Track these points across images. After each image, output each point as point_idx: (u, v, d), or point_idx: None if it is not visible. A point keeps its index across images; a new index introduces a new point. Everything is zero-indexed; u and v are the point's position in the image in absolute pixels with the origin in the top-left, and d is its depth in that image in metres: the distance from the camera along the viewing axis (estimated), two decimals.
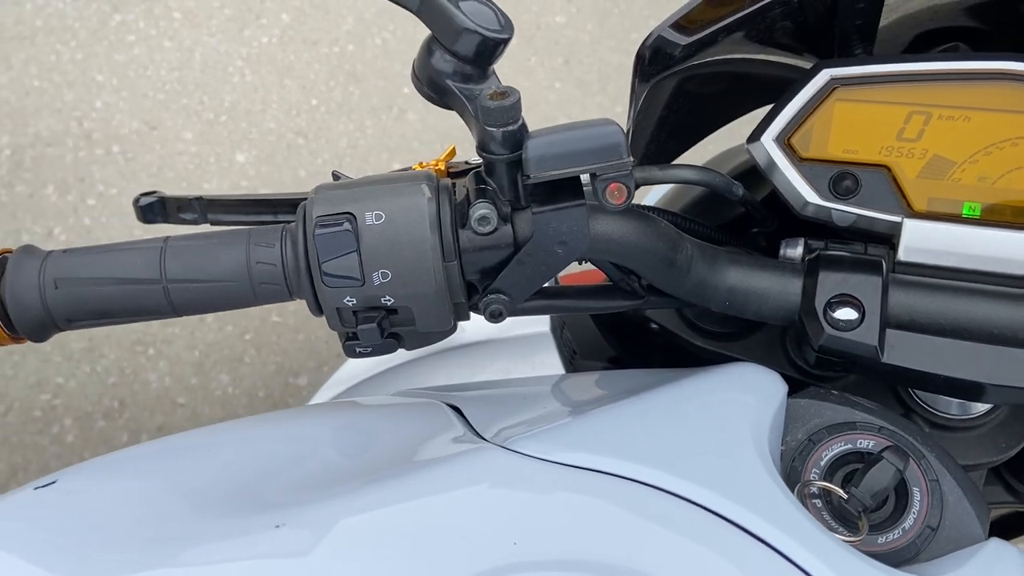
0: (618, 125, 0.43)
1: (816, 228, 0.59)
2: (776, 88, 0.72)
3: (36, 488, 0.40)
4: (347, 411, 0.49)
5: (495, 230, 0.46)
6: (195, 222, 0.59)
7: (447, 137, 2.27)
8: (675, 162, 0.59)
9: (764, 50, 0.66)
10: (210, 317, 1.87)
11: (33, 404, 1.74)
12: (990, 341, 0.49)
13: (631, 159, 0.42)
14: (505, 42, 0.47)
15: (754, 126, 0.75)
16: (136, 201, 0.59)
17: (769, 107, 0.59)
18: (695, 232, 0.64)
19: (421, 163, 0.59)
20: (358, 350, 0.47)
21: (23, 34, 2.28)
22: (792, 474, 0.47)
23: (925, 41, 0.67)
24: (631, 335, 0.73)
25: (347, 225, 0.43)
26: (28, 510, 0.38)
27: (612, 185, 0.43)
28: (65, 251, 0.47)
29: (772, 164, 0.57)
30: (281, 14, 2.44)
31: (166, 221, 0.59)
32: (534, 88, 2.41)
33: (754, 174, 0.62)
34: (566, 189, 0.45)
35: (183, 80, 2.26)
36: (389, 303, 0.45)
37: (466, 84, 0.47)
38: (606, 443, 0.40)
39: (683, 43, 0.54)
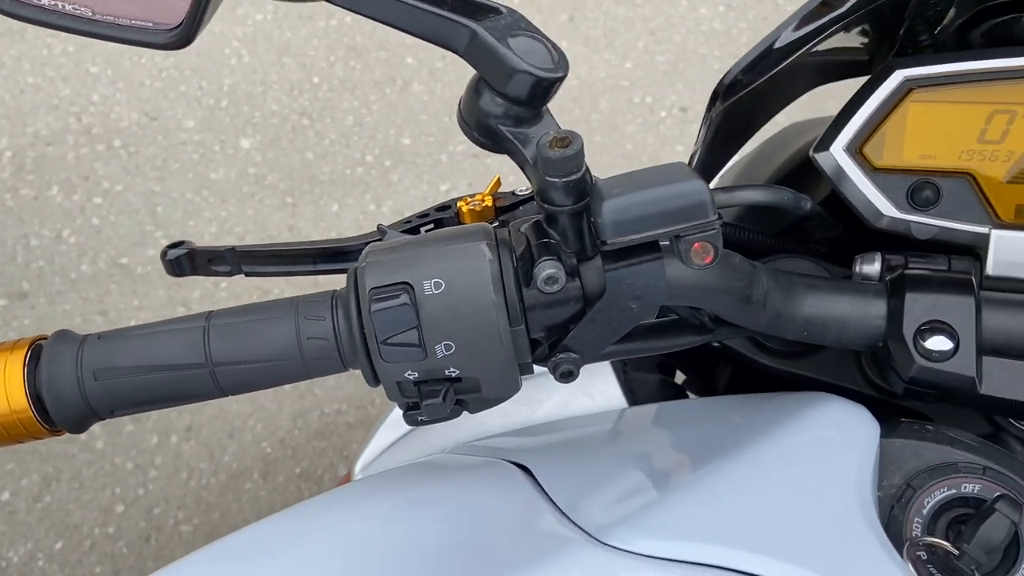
0: (700, 180, 0.39)
1: (888, 236, 0.55)
2: (827, 70, 0.67)
3: None
4: (405, 482, 0.46)
5: (563, 287, 0.42)
6: (228, 274, 0.55)
7: (455, 109, 2.21)
8: (742, 183, 0.55)
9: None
10: None
11: None
12: None
13: (719, 218, 0.38)
14: (560, 80, 0.43)
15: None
16: (163, 254, 0.55)
17: (834, 109, 0.55)
18: (753, 243, 0.60)
19: (465, 199, 0.55)
20: (420, 419, 0.44)
21: (12, 29, 2.21)
22: (892, 524, 0.45)
23: (988, 14, 0.62)
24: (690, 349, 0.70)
25: (404, 297, 0.40)
26: None
27: (697, 245, 0.39)
28: (101, 336, 0.44)
29: (842, 175, 0.53)
30: None
31: (196, 274, 0.55)
32: None
33: (810, 170, 0.58)
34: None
35: (179, 66, 2.19)
36: (454, 374, 0.42)
37: (519, 128, 0.43)
38: (708, 528, 0.37)
39: (790, 40, 0.50)
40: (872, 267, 0.52)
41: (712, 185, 0.67)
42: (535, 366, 0.46)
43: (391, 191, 2.10)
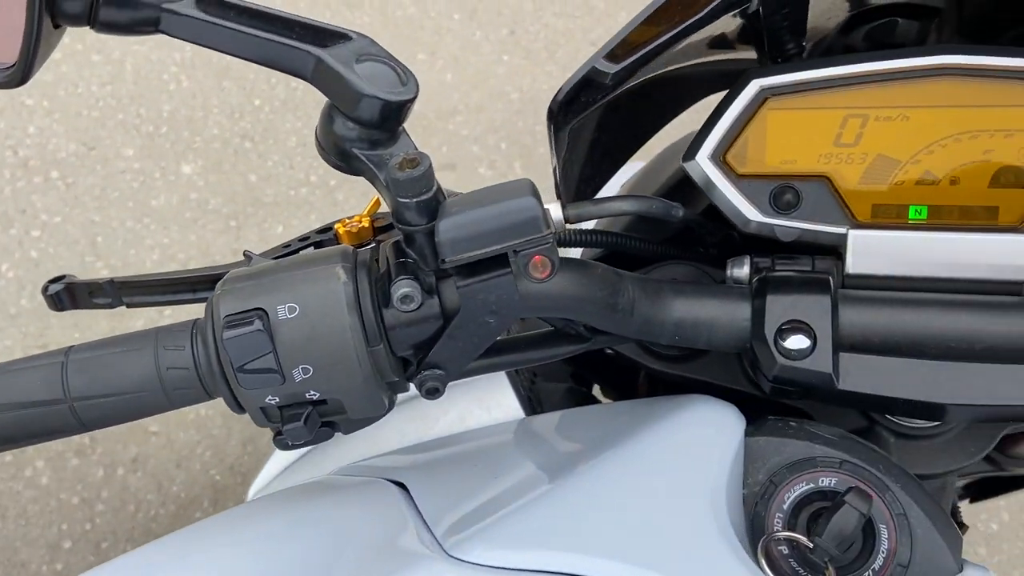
0: (533, 196, 0.40)
1: (764, 240, 0.57)
2: (716, 79, 0.69)
3: None
4: (288, 505, 0.46)
5: (421, 305, 0.43)
6: (110, 306, 0.55)
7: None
8: (610, 194, 0.56)
9: (702, 54, 0.63)
10: None
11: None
12: (946, 356, 0.47)
13: (551, 231, 0.40)
14: (410, 102, 0.44)
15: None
16: (44, 290, 0.55)
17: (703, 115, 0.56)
18: (639, 251, 0.61)
19: (344, 221, 0.55)
20: (290, 443, 0.45)
21: None
22: (756, 521, 0.46)
23: (861, 20, 0.65)
24: (588, 357, 0.71)
25: (258, 324, 0.40)
26: None
27: (536, 258, 0.40)
28: None
29: (709, 182, 0.54)
30: None
31: (77, 307, 0.56)
32: (481, 63, 2.35)
33: (693, 184, 0.59)
34: (490, 257, 0.42)
35: (116, 94, 2.18)
36: (315, 397, 0.42)
37: (374, 150, 0.44)
38: (556, 536, 0.38)
39: (612, 71, 0.51)
40: (742, 270, 0.54)
41: (603, 194, 0.69)
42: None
43: (337, 210, 2.10)
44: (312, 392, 0.42)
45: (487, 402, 0.61)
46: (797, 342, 0.48)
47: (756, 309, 0.50)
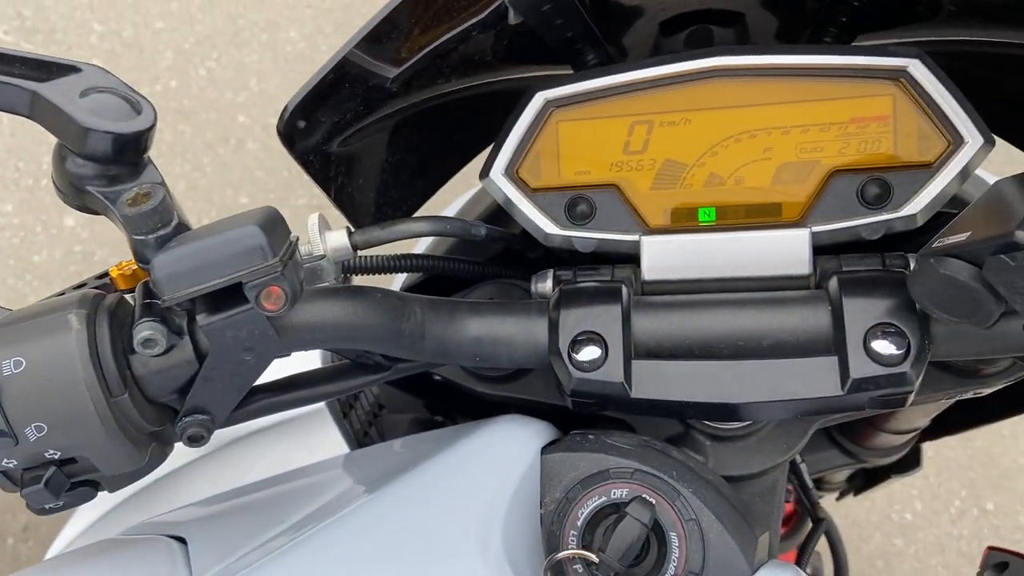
0: (258, 225, 0.38)
1: (574, 253, 0.56)
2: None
3: None
4: (60, 570, 0.43)
5: (169, 348, 0.41)
6: None
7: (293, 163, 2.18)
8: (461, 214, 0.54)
9: (510, 70, 0.62)
10: None
11: None
12: (736, 356, 0.47)
13: (277, 260, 0.38)
14: (146, 133, 0.42)
15: None
16: None
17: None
18: (460, 271, 0.60)
19: (120, 264, 0.53)
20: (48, 507, 0.42)
21: None
22: (552, 540, 0.45)
23: (677, 25, 0.65)
24: (432, 384, 0.69)
25: None
26: None
27: (272, 288, 0.38)
28: None
29: (506, 199, 0.54)
30: (92, 59, 2.29)
31: None
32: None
33: None
34: (230, 292, 0.40)
35: None
36: (56, 456, 0.39)
37: (112, 186, 0.42)
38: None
39: (391, 75, 0.49)
40: (545, 285, 0.53)
41: (419, 214, 0.68)
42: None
43: None
44: (52, 451, 0.39)
45: (308, 442, 0.58)
46: (589, 353, 0.47)
47: (552, 323, 0.49)
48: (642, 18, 0.63)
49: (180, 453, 0.56)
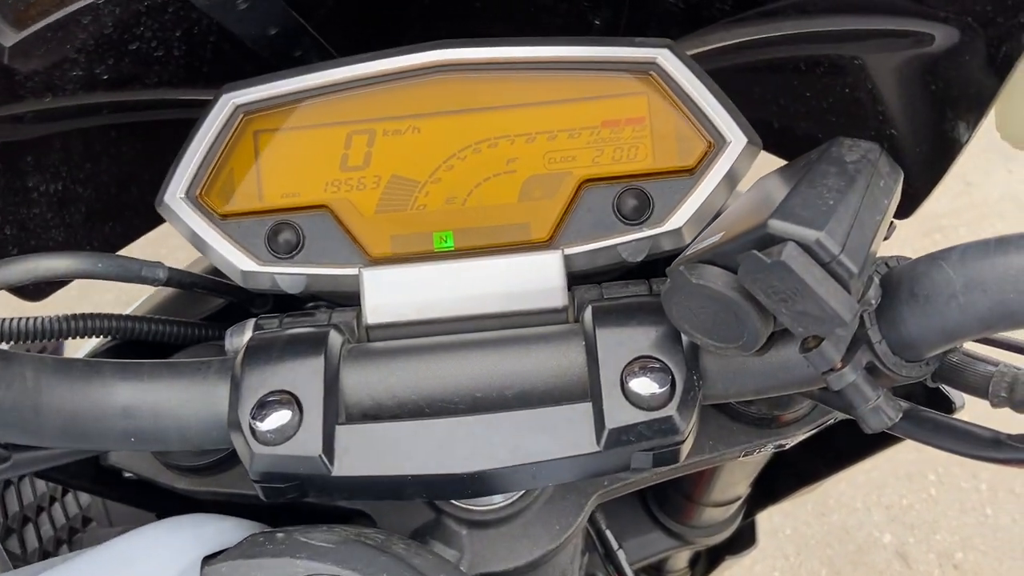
0: None
1: (293, 299, 0.45)
2: None
3: None
4: None
5: None
6: None
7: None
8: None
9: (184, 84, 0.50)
10: None
11: None
12: (476, 410, 0.36)
13: None
14: None
15: None
16: None
17: None
18: (161, 333, 0.46)
19: None
20: None
21: None
22: None
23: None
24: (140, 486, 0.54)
25: None
26: None
27: None
28: None
29: (190, 231, 0.42)
30: None
31: None
32: None
33: None
34: None
35: None
36: None
37: None
38: None
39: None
40: (242, 339, 0.41)
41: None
42: None
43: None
44: None
45: None
46: (277, 420, 0.35)
47: (234, 384, 0.37)
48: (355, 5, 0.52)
49: None
